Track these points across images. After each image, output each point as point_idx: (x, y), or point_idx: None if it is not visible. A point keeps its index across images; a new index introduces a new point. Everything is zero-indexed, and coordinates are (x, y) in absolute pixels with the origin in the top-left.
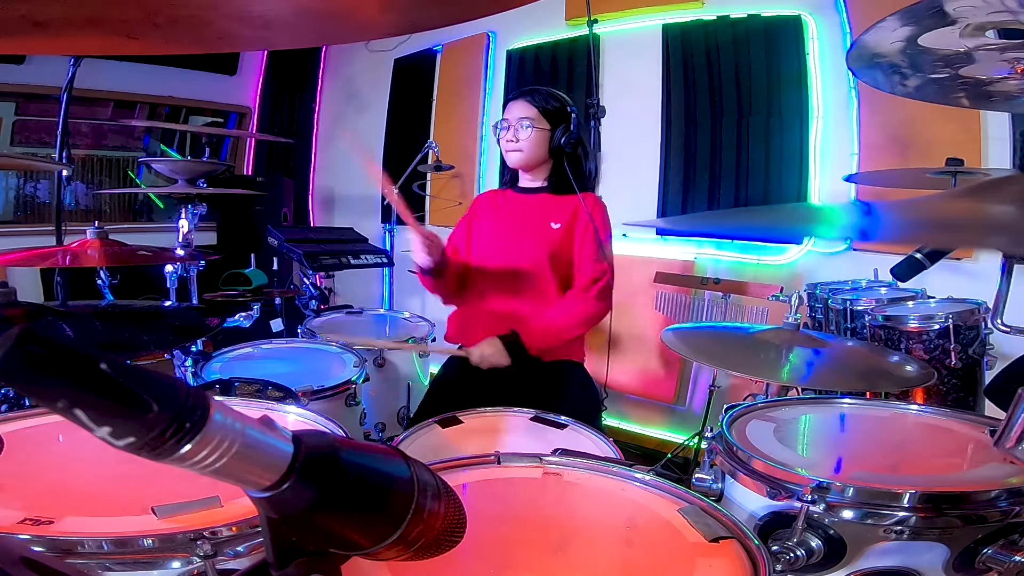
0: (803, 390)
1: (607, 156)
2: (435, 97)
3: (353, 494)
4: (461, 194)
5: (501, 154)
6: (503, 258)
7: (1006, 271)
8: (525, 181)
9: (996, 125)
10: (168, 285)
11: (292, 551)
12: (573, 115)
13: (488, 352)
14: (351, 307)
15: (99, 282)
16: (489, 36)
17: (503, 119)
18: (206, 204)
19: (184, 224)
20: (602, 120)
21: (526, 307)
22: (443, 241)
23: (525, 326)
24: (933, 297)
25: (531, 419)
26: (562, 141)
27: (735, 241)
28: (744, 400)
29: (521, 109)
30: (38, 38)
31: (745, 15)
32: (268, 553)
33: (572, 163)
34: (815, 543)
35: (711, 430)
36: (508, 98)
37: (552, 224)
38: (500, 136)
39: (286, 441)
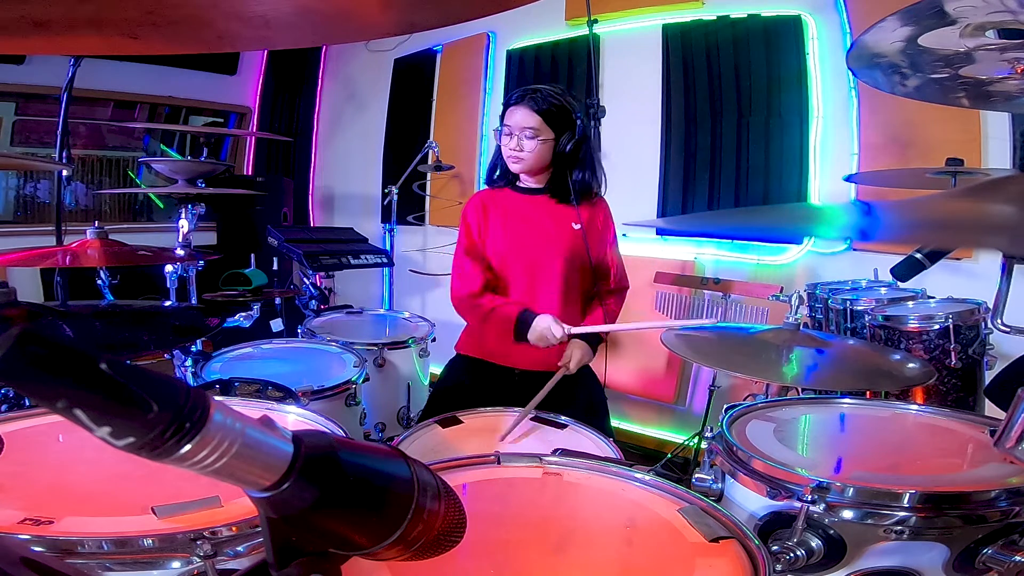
0: (803, 390)
1: (607, 156)
2: (435, 97)
3: (353, 494)
4: (461, 194)
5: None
6: (525, 260)
7: (1006, 271)
8: (526, 182)
9: (996, 125)
10: (168, 285)
11: (292, 551)
12: (579, 122)
13: (579, 355)
14: (351, 307)
15: (99, 282)
16: (489, 36)
17: (505, 124)
18: (206, 204)
19: (184, 224)
20: (602, 120)
21: (546, 308)
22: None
23: (593, 322)
24: (933, 297)
25: (531, 419)
26: (567, 149)
27: (735, 241)
28: (744, 400)
29: (524, 117)
30: (38, 38)
31: (745, 15)
32: (268, 553)
33: (572, 170)
34: (815, 543)
35: (711, 430)
36: (510, 98)
37: (573, 225)
38: (501, 140)
39: (286, 441)
